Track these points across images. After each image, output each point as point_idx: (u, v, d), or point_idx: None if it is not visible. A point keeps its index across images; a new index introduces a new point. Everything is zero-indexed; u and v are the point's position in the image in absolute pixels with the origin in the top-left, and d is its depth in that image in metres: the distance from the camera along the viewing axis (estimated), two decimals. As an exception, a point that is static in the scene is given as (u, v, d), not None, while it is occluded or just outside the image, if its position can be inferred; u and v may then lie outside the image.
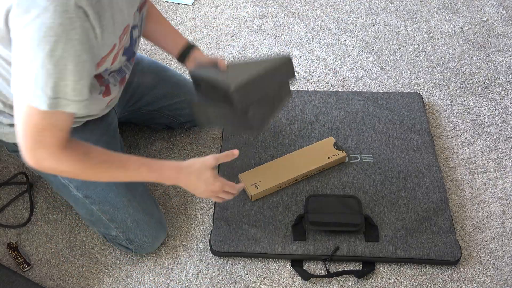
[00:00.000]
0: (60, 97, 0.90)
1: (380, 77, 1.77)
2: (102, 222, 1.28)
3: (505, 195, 1.44)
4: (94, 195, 1.24)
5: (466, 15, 1.99)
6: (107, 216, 1.26)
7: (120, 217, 1.26)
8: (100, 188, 1.24)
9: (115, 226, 1.27)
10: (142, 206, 1.28)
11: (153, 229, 1.29)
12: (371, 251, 1.29)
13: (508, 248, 1.34)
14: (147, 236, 1.28)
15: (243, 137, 1.54)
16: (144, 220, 1.27)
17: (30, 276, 1.32)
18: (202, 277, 1.31)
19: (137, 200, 1.27)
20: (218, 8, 2.06)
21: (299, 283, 1.29)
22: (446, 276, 1.29)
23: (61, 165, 1.00)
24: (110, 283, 1.30)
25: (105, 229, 1.29)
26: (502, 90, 1.72)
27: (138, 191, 1.29)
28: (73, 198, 1.27)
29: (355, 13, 2.01)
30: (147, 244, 1.29)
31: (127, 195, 1.26)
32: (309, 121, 1.58)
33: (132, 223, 1.26)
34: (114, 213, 1.25)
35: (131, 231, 1.27)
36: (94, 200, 1.25)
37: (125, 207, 1.25)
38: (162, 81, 1.46)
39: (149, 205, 1.30)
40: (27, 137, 0.95)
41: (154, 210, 1.31)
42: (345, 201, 1.37)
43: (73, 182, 1.25)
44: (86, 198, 1.25)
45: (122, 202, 1.25)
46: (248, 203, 1.39)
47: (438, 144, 1.56)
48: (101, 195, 1.24)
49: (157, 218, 1.31)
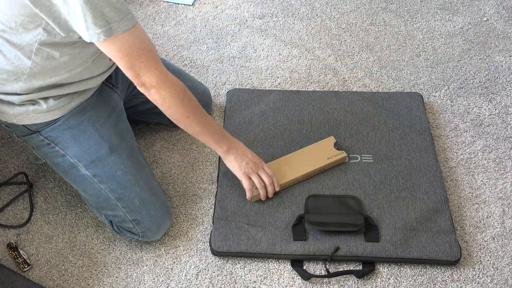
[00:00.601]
0: (111, 21, 1.01)
1: (380, 77, 1.77)
2: (110, 202, 1.28)
3: (505, 195, 1.44)
4: (102, 174, 1.27)
5: (466, 15, 1.99)
6: (114, 195, 1.27)
7: (127, 196, 1.27)
8: (108, 167, 1.27)
9: (122, 205, 1.28)
10: (148, 185, 1.31)
11: (159, 210, 1.30)
12: (371, 251, 1.29)
13: (508, 248, 1.34)
14: (154, 216, 1.29)
15: (243, 138, 1.54)
16: (150, 199, 1.29)
17: (30, 276, 1.32)
18: (202, 277, 1.31)
19: (143, 179, 1.30)
20: (218, 8, 2.06)
21: (299, 283, 1.29)
22: (446, 276, 1.29)
23: (168, 90, 1.15)
24: (110, 283, 1.30)
25: (112, 210, 1.29)
26: (502, 90, 1.72)
27: (144, 172, 1.32)
28: (81, 178, 1.28)
29: (355, 13, 2.01)
30: (154, 226, 1.30)
31: (134, 174, 1.29)
32: (309, 121, 1.58)
33: (139, 202, 1.28)
34: (121, 191, 1.27)
35: (138, 210, 1.28)
36: (102, 179, 1.27)
37: (132, 185, 1.28)
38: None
39: (155, 186, 1.33)
40: (132, 68, 1.10)
41: (160, 192, 1.34)
42: (345, 201, 1.37)
43: (82, 161, 1.27)
44: (94, 177, 1.27)
45: (129, 181, 1.28)
46: (248, 203, 1.39)
47: (438, 144, 1.56)
48: (109, 173, 1.27)
49: (162, 200, 1.33)
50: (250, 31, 1.95)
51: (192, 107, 1.22)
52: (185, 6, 2.07)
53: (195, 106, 1.23)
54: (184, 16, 2.03)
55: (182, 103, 1.19)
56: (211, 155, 1.55)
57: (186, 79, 1.51)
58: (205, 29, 1.97)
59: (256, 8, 2.05)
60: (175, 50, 1.88)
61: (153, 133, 1.61)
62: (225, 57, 1.86)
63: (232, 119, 1.59)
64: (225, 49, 1.89)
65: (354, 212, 1.34)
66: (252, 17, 2.01)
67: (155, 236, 1.33)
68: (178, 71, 1.53)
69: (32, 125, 1.25)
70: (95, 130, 1.28)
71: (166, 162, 1.54)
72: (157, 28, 1.97)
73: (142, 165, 1.33)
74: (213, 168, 1.52)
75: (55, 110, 1.24)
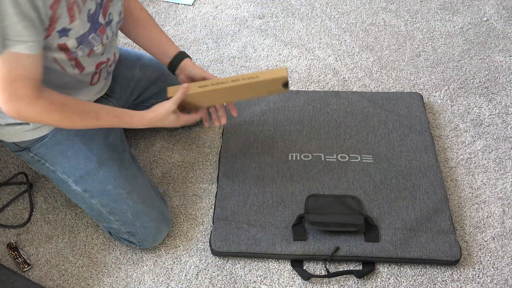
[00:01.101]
0: (6, 38, 0.94)
1: (380, 77, 1.77)
2: (103, 216, 1.28)
3: (505, 195, 1.44)
4: (92, 189, 1.25)
5: (466, 15, 1.99)
6: (106, 209, 1.27)
7: (119, 209, 1.26)
8: (97, 181, 1.25)
9: (115, 219, 1.27)
10: (142, 198, 1.28)
11: (154, 221, 1.29)
12: (371, 251, 1.29)
13: (508, 248, 1.34)
14: (149, 228, 1.28)
15: (243, 138, 1.54)
16: (144, 211, 1.27)
17: (30, 276, 1.32)
18: (202, 277, 1.31)
19: (137, 192, 1.28)
20: (218, 8, 2.06)
21: (299, 283, 1.29)
22: (446, 276, 1.29)
23: (39, 114, 1.06)
24: (110, 283, 1.30)
25: (106, 223, 1.30)
26: (502, 90, 1.72)
27: (138, 183, 1.30)
28: (73, 193, 1.28)
29: (355, 13, 2.01)
30: (149, 236, 1.29)
31: (126, 187, 1.27)
32: (309, 123, 1.58)
33: (132, 215, 1.27)
34: (113, 205, 1.26)
35: (131, 223, 1.27)
36: (92, 194, 1.26)
37: (123, 199, 1.26)
38: (164, 74, 1.48)
39: (149, 197, 1.30)
40: (2, 91, 1.00)
41: (156, 202, 1.31)
42: (345, 201, 1.37)
43: (71, 177, 1.26)
44: (84, 192, 1.26)
45: (120, 194, 1.26)
46: (248, 203, 1.39)
47: (438, 144, 1.56)
48: (99, 188, 1.25)
49: (158, 210, 1.31)
50: (250, 31, 1.95)
51: (70, 113, 1.12)
52: (185, 6, 2.07)
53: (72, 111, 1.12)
54: (184, 16, 2.03)
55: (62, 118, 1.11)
56: (211, 155, 1.56)
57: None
58: (205, 29, 1.97)
59: (256, 8, 2.05)
60: (175, 50, 1.88)
61: (153, 133, 1.61)
62: (225, 57, 1.86)
63: (232, 119, 1.60)
64: (225, 49, 1.88)
65: (354, 212, 1.34)
66: (252, 17, 2.01)
67: (152, 245, 1.33)
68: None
69: (21, 142, 1.25)
70: (83, 143, 1.26)
71: (166, 162, 1.54)
72: (157, 28, 1.97)
73: (135, 176, 1.31)
74: (213, 168, 1.52)
75: (42, 127, 1.22)
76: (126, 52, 1.47)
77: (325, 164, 1.47)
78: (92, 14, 1.10)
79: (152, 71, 1.47)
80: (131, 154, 1.37)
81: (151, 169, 1.53)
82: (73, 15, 1.04)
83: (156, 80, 1.48)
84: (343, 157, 1.48)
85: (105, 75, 1.27)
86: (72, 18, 1.04)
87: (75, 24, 1.05)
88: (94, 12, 1.11)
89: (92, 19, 1.11)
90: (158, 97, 1.47)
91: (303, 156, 1.49)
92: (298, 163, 1.48)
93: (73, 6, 1.03)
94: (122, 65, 1.41)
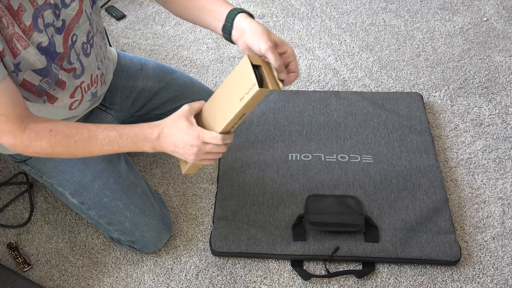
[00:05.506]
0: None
1: (380, 77, 1.77)
2: (102, 226, 1.28)
3: (505, 195, 1.44)
4: (89, 201, 1.25)
5: (466, 15, 1.99)
6: (105, 220, 1.26)
7: (117, 220, 1.25)
8: (93, 194, 1.24)
9: (114, 229, 1.27)
10: (140, 208, 1.26)
11: (153, 230, 1.28)
12: (371, 251, 1.29)
13: (508, 248, 1.34)
14: (148, 237, 1.28)
15: (243, 138, 1.54)
16: (143, 222, 1.26)
17: (30, 276, 1.32)
18: (202, 277, 1.31)
19: (134, 202, 1.26)
20: (218, 8, 2.06)
21: (299, 283, 1.29)
22: (446, 276, 1.29)
23: (29, 146, 0.99)
24: (110, 283, 1.31)
25: (106, 232, 1.31)
26: (502, 90, 1.72)
27: (136, 193, 1.27)
28: (71, 204, 1.29)
29: (355, 13, 2.01)
30: (150, 244, 1.29)
31: (123, 198, 1.25)
32: (309, 123, 1.58)
33: (130, 225, 1.26)
34: (111, 216, 1.25)
35: (131, 233, 1.27)
36: (89, 206, 1.26)
37: (121, 210, 1.25)
38: (168, 84, 1.40)
39: (148, 206, 1.28)
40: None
41: (155, 211, 1.29)
42: (345, 201, 1.37)
43: (67, 190, 1.26)
44: (82, 204, 1.26)
45: (117, 206, 1.25)
46: (248, 203, 1.39)
47: (438, 144, 1.56)
48: (95, 200, 1.24)
49: (158, 218, 1.29)
50: (250, 31, 1.95)
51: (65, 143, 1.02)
52: (185, 6, 2.07)
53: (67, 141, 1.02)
54: (184, 16, 2.03)
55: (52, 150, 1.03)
56: (211, 155, 1.56)
57: (193, 83, 1.44)
58: (205, 29, 1.97)
59: (256, 8, 2.04)
60: (175, 50, 1.88)
61: (153, 133, 1.61)
62: (225, 57, 1.86)
63: (232, 119, 1.59)
64: (225, 49, 1.88)
65: (354, 212, 1.34)
66: (252, 17, 2.01)
67: (153, 250, 1.33)
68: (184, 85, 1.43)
69: (17, 155, 1.25)
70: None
71: (166, 162, 1.54)
72: (157, 28, 1.97)
73: (133, 186, 1.27)
74: (213, 168, 1.52)
75: None
76: (129, 61, 1.39)
77: (325, 164, 1.47)
78: (46, 47, 1.00)
79: (156, 82, 1.39)
80: (128, 162, 1.33)
81: (151, 169, 1.53)
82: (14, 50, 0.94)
83: (160, 90, 1.39)
84: (343, 157, 1.48)
85: (88, 97, 1.19)
86: (14, 52, 0.94)
87: (23, 56, 0.96)
88: (49, 44, 1.01)
89: (46, 51, 1.01)
90: (162, 109, 1.41)
91: (303, 156, 1.49)
92: (298, 163, 1.48)
93: (11, 38, 0.93)
94: (124, 75, 1.36)
